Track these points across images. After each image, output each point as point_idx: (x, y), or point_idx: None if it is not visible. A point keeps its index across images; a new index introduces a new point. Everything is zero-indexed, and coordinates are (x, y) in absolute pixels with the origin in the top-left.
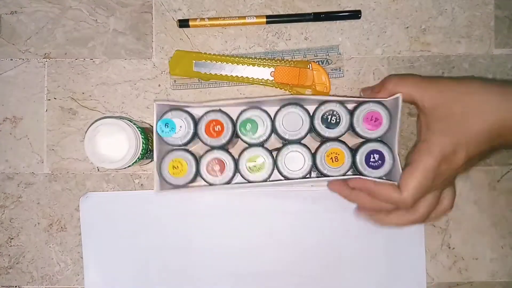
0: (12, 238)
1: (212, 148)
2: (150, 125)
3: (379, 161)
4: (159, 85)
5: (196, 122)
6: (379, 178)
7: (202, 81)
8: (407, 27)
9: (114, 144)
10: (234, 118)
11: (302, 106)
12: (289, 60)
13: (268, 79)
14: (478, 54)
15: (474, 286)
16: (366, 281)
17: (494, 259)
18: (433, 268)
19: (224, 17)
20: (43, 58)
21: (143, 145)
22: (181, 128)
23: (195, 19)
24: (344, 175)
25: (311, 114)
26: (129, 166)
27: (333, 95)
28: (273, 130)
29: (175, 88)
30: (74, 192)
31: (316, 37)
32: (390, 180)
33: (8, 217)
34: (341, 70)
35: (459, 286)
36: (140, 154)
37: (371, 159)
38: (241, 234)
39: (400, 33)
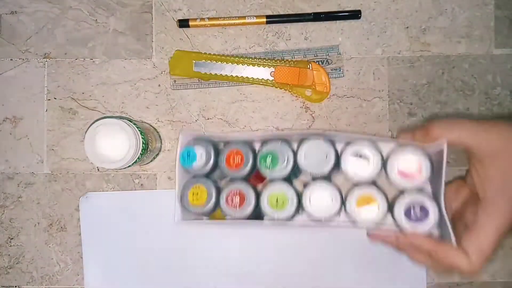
0: (12, 238)
1: (234, 179)
2: (150, 125)
3: (422, 213)
4: (159, 85)
5: (216, 151)
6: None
7: (202, 81)
8: (407, 27)
9: (114, 144)
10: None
11: (328, 140)
12: (289, 60)
13: (268, 79)
14: (478, 54)
15: (474, 286)
16: (366, 281)
17: (494, 259)
18: None
19: (224, 17)
20: (43, 58)
21: (143, 145)
22: (202, 158)
23: (195, 19)
24: (377, 224)
25: (338, 151)
26: (129, 166)
27: (361, 133)
28: (295, 164)
29: (175, 88)
30: (74, 192)
31: (316, 37)
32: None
33: (8, 217)
34: (341, 70)
35: (459, 286)
36: (140, 154)
37: (412, 213)
38: (240, 234)
39: (400, 33)
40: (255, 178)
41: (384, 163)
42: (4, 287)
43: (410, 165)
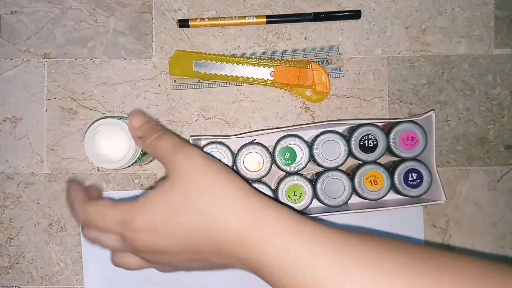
0: (12, 238)
1: (252, 181)
2: None
3: (418, 180)
4: (159, 85)
5: (233, 155)
6: (418, 196)
7: (202, 81)
8: (407, 27)
9: (114, 144)
10: (267, 145)
11: (339, 133)
12: (289, 60)
13: (268, 79)
14: (478, 54)
15: None
16: None
17: (494, 259)
18: None
19: (224, 17)
20: (43, 58)
21: None
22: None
23: (195, 19)
24: (383, 197)
25: (346, 137)
26: (129, 166)
27: (363, 118)
28: (311, 158)
29: (175, 88)
30: None
31: (316, 37)
32: (431, 199)
33: (8, 217)
34: (341, 70)
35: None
36: (140, 154)
37: (410, 178)
38: None
39: (400, 33)
40: None
41: (387, 139)
42: (4, 287)
43: (409, 136)
